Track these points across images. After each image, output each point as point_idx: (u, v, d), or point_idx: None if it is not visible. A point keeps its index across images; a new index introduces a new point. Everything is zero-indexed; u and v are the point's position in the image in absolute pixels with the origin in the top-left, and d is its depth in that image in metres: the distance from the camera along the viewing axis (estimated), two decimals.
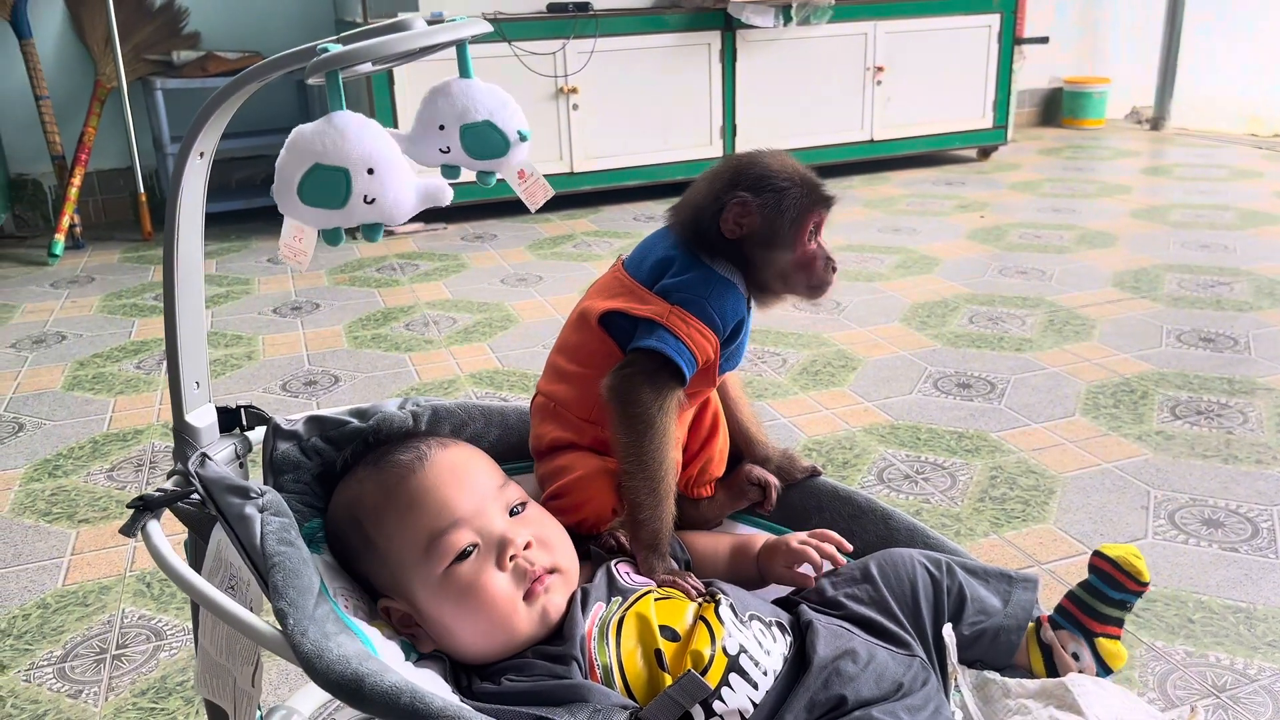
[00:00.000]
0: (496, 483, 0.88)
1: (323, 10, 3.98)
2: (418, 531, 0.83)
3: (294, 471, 0.92)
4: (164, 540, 0.80)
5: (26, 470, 1.87)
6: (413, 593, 0.83)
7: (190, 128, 0.82)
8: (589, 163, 3.79)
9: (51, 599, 1.47)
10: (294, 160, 0.72)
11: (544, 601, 0.82)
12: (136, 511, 0.83)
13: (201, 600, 0.76)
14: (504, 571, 0.82)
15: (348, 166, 0.72)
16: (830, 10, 3.93)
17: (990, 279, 2.82)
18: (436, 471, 0.86)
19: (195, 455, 0.86)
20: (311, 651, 0.70)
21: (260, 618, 0.74)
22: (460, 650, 0.83)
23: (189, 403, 0.92)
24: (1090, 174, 4.20)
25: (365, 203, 0.73)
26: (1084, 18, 5.35)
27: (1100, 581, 0.86)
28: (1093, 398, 2.01)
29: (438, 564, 0.82)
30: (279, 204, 0.75)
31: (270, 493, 0.82)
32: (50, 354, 2.48)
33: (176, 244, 0.86)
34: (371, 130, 0.73)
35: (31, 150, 3.69)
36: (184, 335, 0.89)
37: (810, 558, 0.92)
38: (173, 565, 0.78)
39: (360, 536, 0.86)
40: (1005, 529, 1.56)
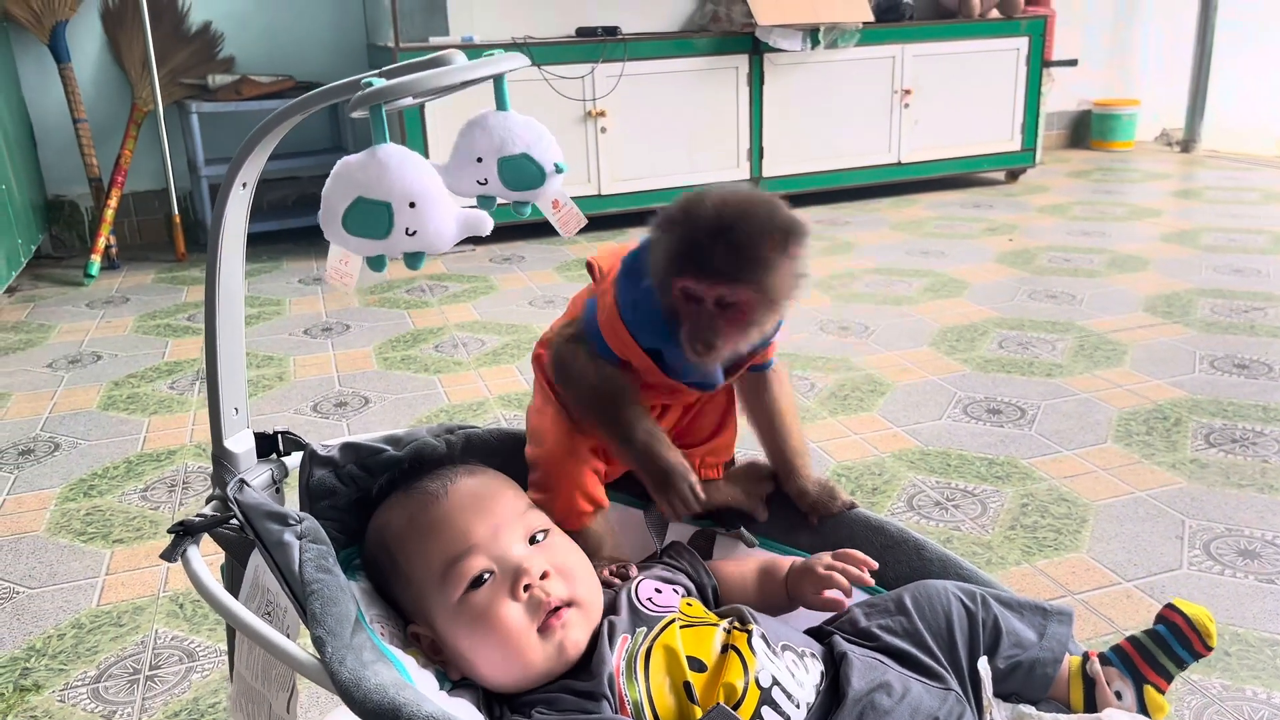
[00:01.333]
0: (519, 510, 0.88)
1: (355, 35, 4.04)
2: (435, 558, 0.84)
3: (330, 498, 0.93)
4: (204, 566, 0.81)
5: (62, 490, 1.90)
6: (433, 620, 0.84)
7: (234, 159, 0.84)
8: (617, 185, 3.81)
9: (86, 619, 1.49)
10: (338, 191, 0.74)
11: (561, 636, 0.82)
12: (177, 537, 0.84)
13: (240, 627, 0.76)
14: (518, 601, 0.82)
15: (390, 200, 0.74)
16: (858, 34, 3.94)
17: (1019, 303, 2.80)
18: (458, 499, 0.87)
19: (234, 481, 0.87)
20: (349, 680, 0.70)
21: (297, 644, 0.74)
22: (483, 677, 0.83)
23: (228, 429, 0.93)
24: (1120, 197, 4.18)
25: (407, 234, 0.75)
26: (1113, 40, 5.34)
27: (1169, 634, 0.85)
28: (1125, 424, 2.00)
29: (453, 591, 0.82)
30: (325, 231, 0.76)
31: (308, 519, 0.82)
32: (86, 374, 2.52)
33: (218, 273, 0.87)
34: (414, 164, 0.75)
35: (69, 172, 3.76)
36: (224, 363, 0.91)
37: (839, 584, 0.91)
38: (213, 592, 0.79)
39: (389, 561, 0.87)
40: (1037, 558, 1.55)
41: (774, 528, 1.05)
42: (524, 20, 3.79)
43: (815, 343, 2.54)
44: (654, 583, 0.91)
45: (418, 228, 0.75)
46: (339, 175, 0.75)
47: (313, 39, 3.98)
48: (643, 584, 0.90)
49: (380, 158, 0.74)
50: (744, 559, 1.01)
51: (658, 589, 0.90)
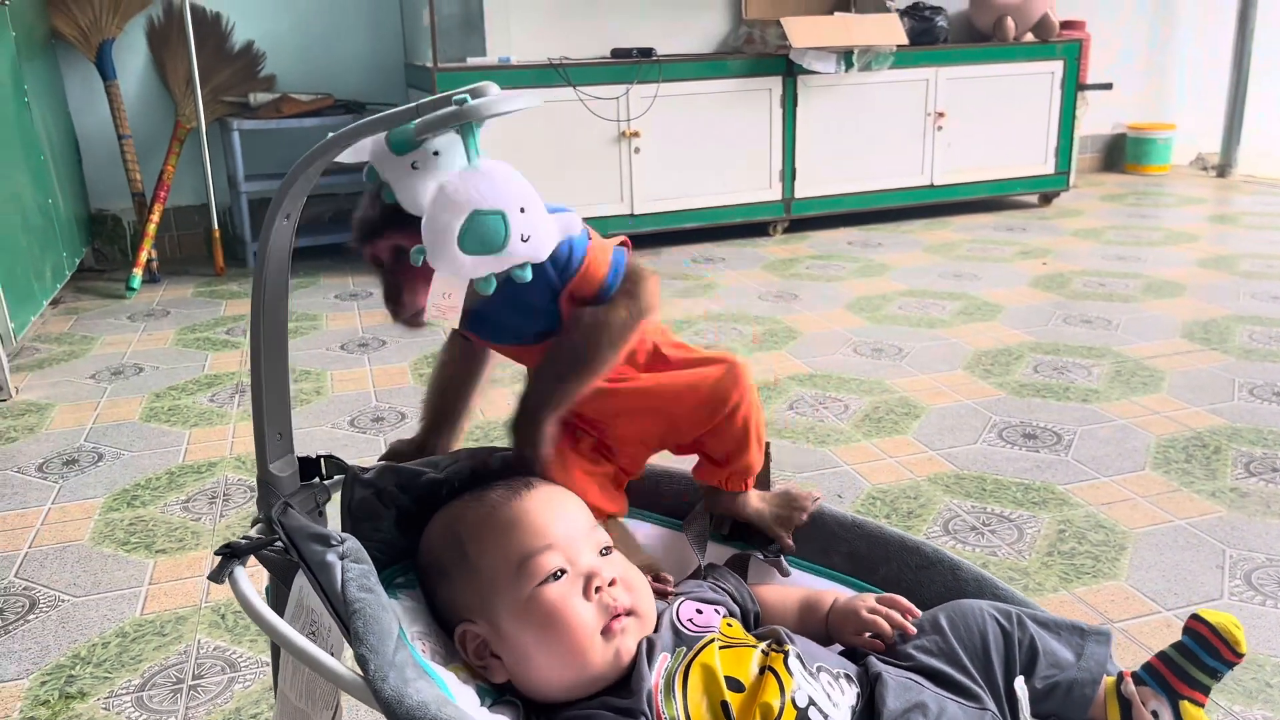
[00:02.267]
0: (590, 522, 0.91)
1: (393, 55, 4.09)
2: (512, 550, 0.85)
3: (371, 520, 0.95)
4: (251, 587, 0.83)
5: (106, 500, 1.93)
6: (497, 613, 0.84)
7: (277, 193, 0.86)
8: (649, 205, 3.83)
9: (130, 628, 1.51)
10: (449, 213, 0.74)
11: (618, 642, 0.84)
12: (224, 559, 0.86)
13: (287, 645, 0.78)
14: (589, 601, 0.84)
15: (504, 208, 0.75)
16: (892, 57, 3.95)
17: (1054, 327, 2.79)
18: (537, 499, 0.89)
19: (278, 504, 0.89)
20: (392, 697, 0.71)
21: (342, 663, 0.76)
22: (532, 680, 0.84)
23: (272, 454, 0.95)
24: (1155, 221, 4.15)
25: (522, 241, 0.76)
26: (1148, 63, 5.32)
27: (1196, 645, 0.85)
28: (1163, 452, 1.98)
29: (527, 584, 0.84)
30: (435, 262, 0.76)
31: (350, 540, 0.84)
32: (128, 385, 2.56)
33: (263, 304, 0.90)
34: (513, 171, 0.76)
35: (113, 187, 3.83)
36: (268, 390, 0.93)
37: (882, 628, 0.91)
38: (260, 612, 0.80)
39: (456, 554, 0.88)
40: (1075, 585, 1.54)
41: (808, 548, 1.05)
42: (560, 41, 3.83)
43: (849, 364, 2.54)
44: (695, 603, 0.92)
45: (530, 232, 0.76)
46: (443, 199, 0.75)
47: (351, 58, 4.05)
48: (684, 605, 0.91)
49: (484, 170, 0.75)
50: (787, 589, 1.02)
51: (698, 609, 0.91)
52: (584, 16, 3.95)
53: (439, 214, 0.75)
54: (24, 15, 3.12)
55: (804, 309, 3.06)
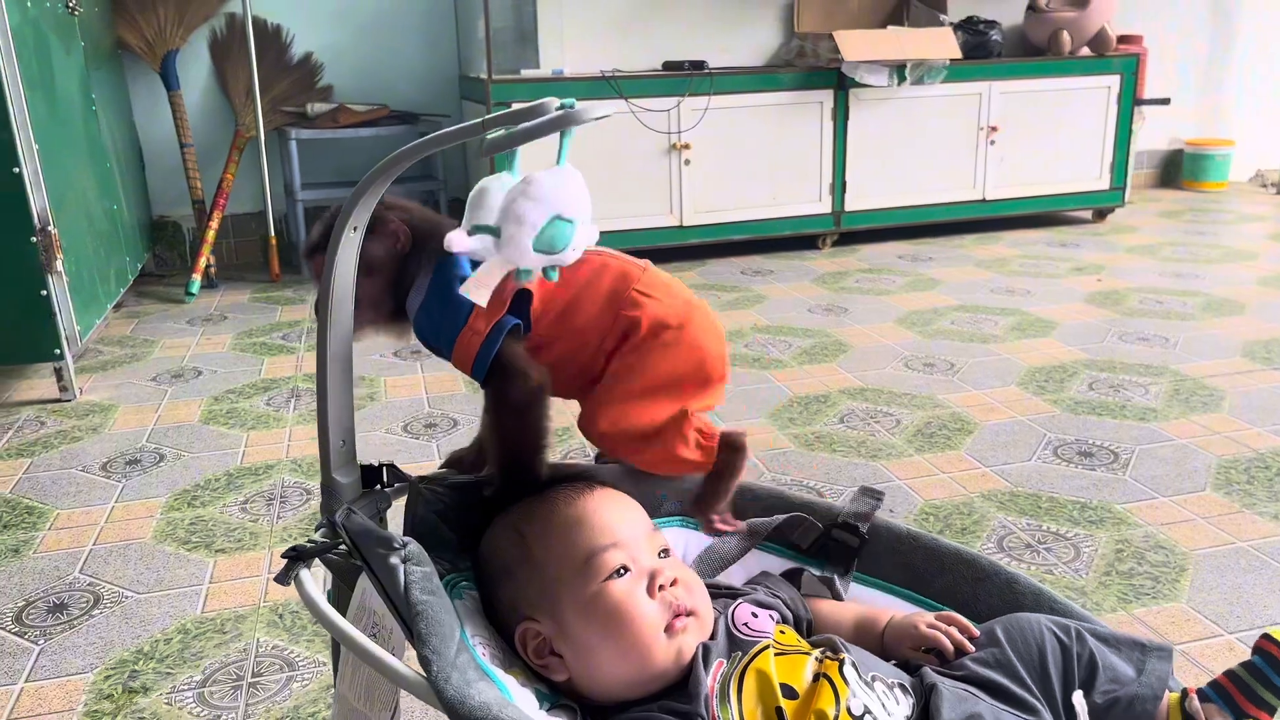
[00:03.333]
0: (649, 526, 0.92)
1: (448, 66, 4.15)
2: (578, 547, 0.87)
3: (431, 528, 0.96)
4: (316, 589, 0.85)
5: (168, 499, 1.97)
6: (561, 609, 0.85)
7: (347, 202, 0.87)
8: (698, 217, 3.84)
9: (191, 625, 1.55)
10: (537, 209, 0.77)
11: (680, 641, 0.84)
12: (290, 561, 0.88)
13: (352, 646, 0.79)
14: (652, 599, 0.85)
15: (577, 219, 0.77)
16: (944, 70, 3.93)
17: (1110, 344, 2.75)
18: (600, 500, 0.91)
19: (341, 509, 0.91)
20: (454, 697, 0.73)
21: (404, 664, 0.77)
22: (593, 677, 0.85)
23: (336, 460, 0.97)
24: (1213, 238, 4.08)
25: (572, 250, 0.79)
26: (1207, 79, 5.23)
27: (1265, 664, 0.83)
28: (1224, 472, 1.95)
29: (592, 580, 0.85)
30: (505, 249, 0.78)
31: (412, 544, 0.85)
32: (188, 388, 2.61)
33: (331, 314, 0.92)
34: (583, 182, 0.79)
35: (174, 194, 3.92)
36: (333, 398, 0.95)
37: (942, 643, 0.90)
38: (326, 613, 0.82)
39: (520, 552, 0.89)
40: (1134, 606, 1.52)
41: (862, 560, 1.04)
42: (612, 54, 3.86)
43: (900, 379, 2.53)
44: (750, 607, 0.92)
45: (582, 244, 0.80)
46: (535, 193, 0.77)
47: (407, 70, 4.11)
48: (740, 608, 0.92)
49: (570, 176, 0.78)
50: (843, 604, 1.01)
51: (754, 613, 0.91)
52: (636, 29, 3.97)
53: (527, 208, 0.76)
54: (92, 26, 3.21)
55: (854, 322, 3.05)
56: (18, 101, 2.32)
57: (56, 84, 2.70)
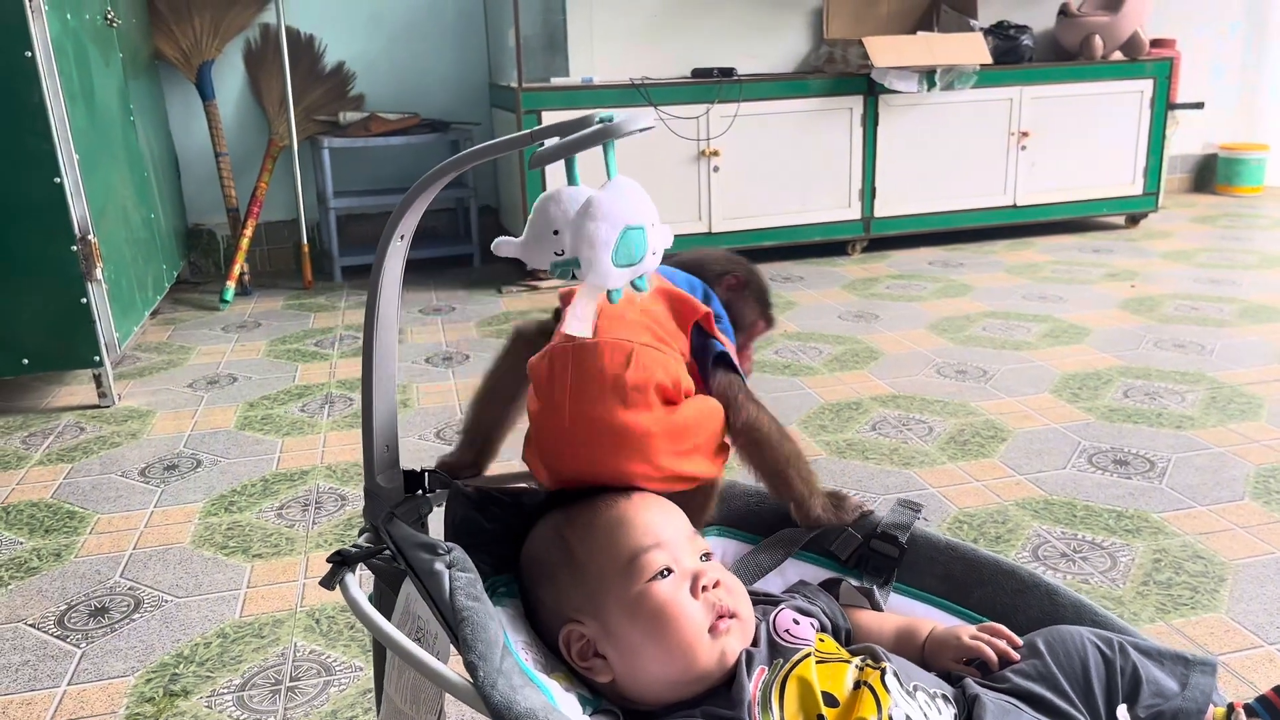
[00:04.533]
0: (690, 530, 0.92)
1: (478, 74, 4.18)
2: (622, 548, 0.87)
3: (473, 534, 0.97)
4: (360, 593, 0.85)
5: (205, 504, 2.00)
6: (606, 609, 0.85)
7: (395, 212, 0.89)
8: (727, 223, 3.84)
9: (230, 629, 1.57)
10: (608, 227, 0.78)
11: (724, 642, 0.84)
12: (335, 565, 0.89)
13: (397, 650, 0.80)
14: (696, 600, 0.85)
15: (644, 223, 0.78)
16: (975, 76, 3.91)
17: (1145, 351, 2.73)
18: (641, 503, 0.91)
19: (384, 514, 0.92)
20: (501, 703, 0.73)
21: (450, 668, 0.78)
22: (638, 678, 0.85)
23: (379, 465, 0.99)
24: (1249, 244, 4.03)
25: (652, 255, 0.80)
26: (1241, 82, 5.18)
27: None
28: (1263, 481, 1.92)
29: (637, 580, 0.85)
30: (590, 275, 0.79)
31: (456, 549, 0.86)
32: (223, 394, 2.65)
33: (377, 319, 0.93)
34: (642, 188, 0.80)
35: (209, 203, 3.97)
36: (378, 402, 0.96)
37: (986, 654, 0.89)
38: (371, 617, 0.83)
39: (562, 554, 0.89)
40: (1172, 616, 1.50)
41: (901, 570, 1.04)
42: (642, 61, 3.87)
43: (932, 386, 2.52)
44: (791, 613, 0.92)
45: (658, 246, 0.80)
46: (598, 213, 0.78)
47: (438, 78, 4.14)
48: (781, 614, 0.92)
49: (627, 187, 0.79)
50: (883, 615, 1.01)
51: (795, 620, 0.91)
52: (665, 37, 3.98)
53: (597, 228, 0.77)
54: (130, 37, 3.26)
55: (884, 329, 3.04)
56: (59, 112, 2.37)
57: (96, 95, 2.74)
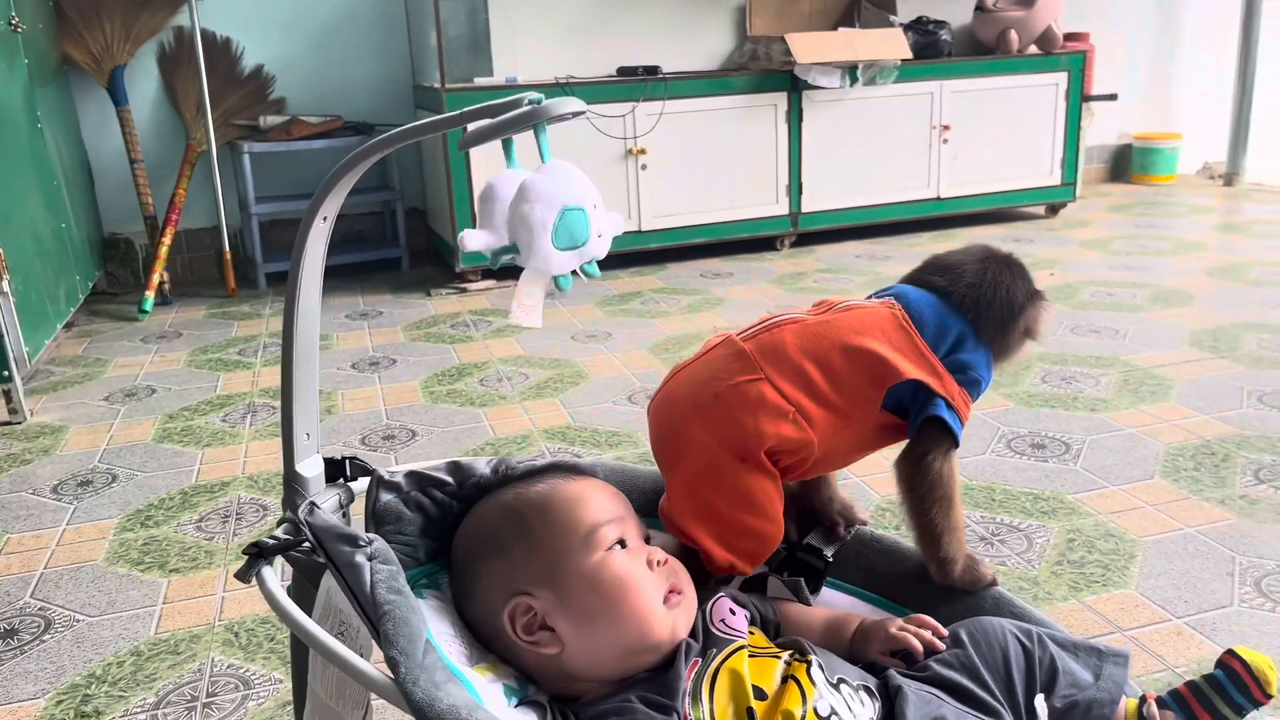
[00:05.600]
0: (634, 512, 0.94)
1: (401, 76, 4.13)
2: (581, 520, 0.88)
3: (395, 523, 0.95)
4: (279, 586, 0.83)
5: (120, 520, 1.95)
6: (564, 578, 0.85)
7: (318, 192, 0.87)
8: (657, 221, 3.85)
9: (145, 646, 1.53)
10: (544, 208, 0.76)
11: (675, 615, 0.86)
12: (251, 558, 0.86)
13: (317, 646, 0.78)
14: (652, 571, 0.87)
15: (585, 205, 0.77)
16: (896, 70, 3.97)
17: (1062, 337, 2.79)
18: (593, 483, 0.93)
19: (304, 504, 0.89)
20: (423, 700, 0.72)
21: (371, 664, 0.76)
22: (589, 647, 0.85)
23: (299, 453, 0.96)
24: (1163, 231, 4.15)
25: (597, 237, 0.78)
26: (1153, 74, 5.33)
27: (1227, 680, 0.85)
28: (1172, 460, 1.98)
29: (596, 549, 0.86)
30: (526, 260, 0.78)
31: (378, 541, 0.84)
32: (141, 407, 2.58)
33: (298, 302, 0.91)
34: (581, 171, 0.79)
35: (125, 211, 3.87)
36: (298, 389, 0.94)
37: (912, 644, 0.90)
38: (289, 611, 0.80)
39: (516, 527, 0.89)
40: (1085, 594, 1.54)
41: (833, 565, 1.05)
42: (566, 61, 3.86)
43: None
44: (728, 603, 0.93)
45: (603, 228, 0.79)
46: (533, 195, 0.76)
47: (360, 80, 4.09)
48: (719, 602, 0.92)
49: (562, 168, 0.77)
50: (812, 608, 1.01)
51: (731, 610, 0.92)
52: (589, 36, 3.98)
53: (532, 209, 0.76)
54: (37, 42, 3.17)
55: None
56: None
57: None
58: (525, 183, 0.77)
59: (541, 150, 0.77)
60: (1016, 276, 1.04)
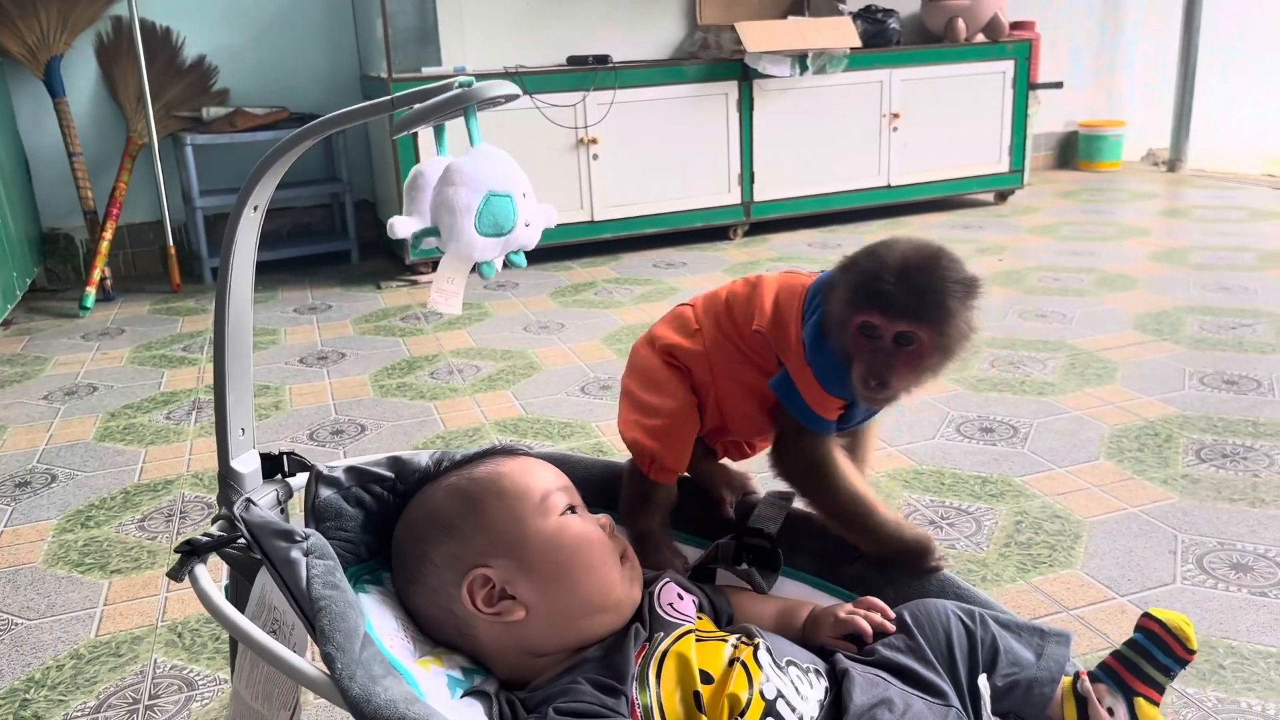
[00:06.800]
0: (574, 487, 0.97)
1: (348, 66, 4.07)
2: (533, 488, 0.90)
3: (335, 519, 0.93)
4: (212, 585, 0.81)
5: (60, 521, 1.90)
6: (523, 543, 0.87)
7: (246, 181, 0.85)
8: (609, 211, 3.84)
9: (85, 649, 1.49)
10: (468, 192, 0.75)
11: (630, 576, 0.90)
12: (184, 556, 0.84)
13: (249, 643, 0.76)
14: (603, 532, 0.91)
15: (512, 192, 0.76)
16: (845, 59, 3.99)
17: (1010, 322, 2.83)
18: (533, 459, 0.96)
19: (240, 500, 0.88)
20: (359, 695, 0.71)
21: (307, 661, 0.75)
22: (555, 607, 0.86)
23: (234, 449, 0.94)
24: (1108, 216, 4.22)
25: (525, 226, 0.77)
26: (1098, 62, 5.40)
27: (1149, 643, 0.86)
28: (1116, 441, 2.01)
29: (551, 513, 0.89)
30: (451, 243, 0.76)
31: (315, 536, 0.83)
32: (82, 405, 2.52)
33: (229, 294, 0.89)
34: (512, 159, 0.77)
35: (64, 206, 3.78)
36: (232, 383, 0.92)
37: (860, 627, 0.91)
38: (222, 609, 0.79)
39: (464, 505, 0.90)
40: (1032, 574, 1.56)
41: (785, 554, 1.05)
42: (515, 50, 3.83)
43: None
44: (676, 588, 0.93)
45: (530, 219, 0.78)
46: (458, 178, 0.75)
47: (306, 71, 4.02)
48: (666, 587, 0.93)
49: (490, 154, 0.76)
50: (764, 597, 1.01)
51: (679, 594, 0.93)
52: (539, 25, 3.95)
53: (456, 192, 0.75)
54: None
55: None
56: None
57: None
58: (450, 165, 0.75)
59: (471, 134, 0.76)
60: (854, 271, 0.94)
